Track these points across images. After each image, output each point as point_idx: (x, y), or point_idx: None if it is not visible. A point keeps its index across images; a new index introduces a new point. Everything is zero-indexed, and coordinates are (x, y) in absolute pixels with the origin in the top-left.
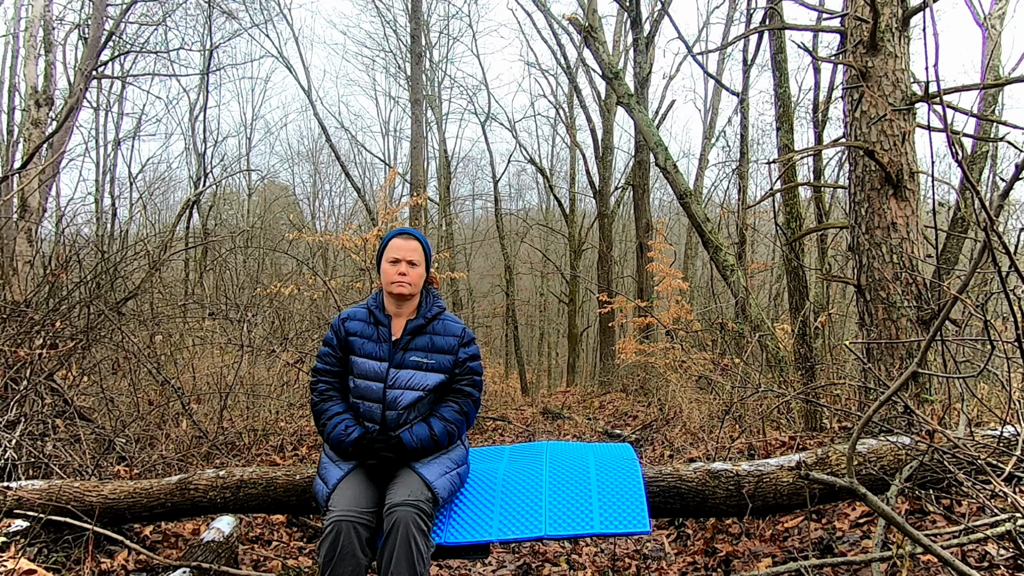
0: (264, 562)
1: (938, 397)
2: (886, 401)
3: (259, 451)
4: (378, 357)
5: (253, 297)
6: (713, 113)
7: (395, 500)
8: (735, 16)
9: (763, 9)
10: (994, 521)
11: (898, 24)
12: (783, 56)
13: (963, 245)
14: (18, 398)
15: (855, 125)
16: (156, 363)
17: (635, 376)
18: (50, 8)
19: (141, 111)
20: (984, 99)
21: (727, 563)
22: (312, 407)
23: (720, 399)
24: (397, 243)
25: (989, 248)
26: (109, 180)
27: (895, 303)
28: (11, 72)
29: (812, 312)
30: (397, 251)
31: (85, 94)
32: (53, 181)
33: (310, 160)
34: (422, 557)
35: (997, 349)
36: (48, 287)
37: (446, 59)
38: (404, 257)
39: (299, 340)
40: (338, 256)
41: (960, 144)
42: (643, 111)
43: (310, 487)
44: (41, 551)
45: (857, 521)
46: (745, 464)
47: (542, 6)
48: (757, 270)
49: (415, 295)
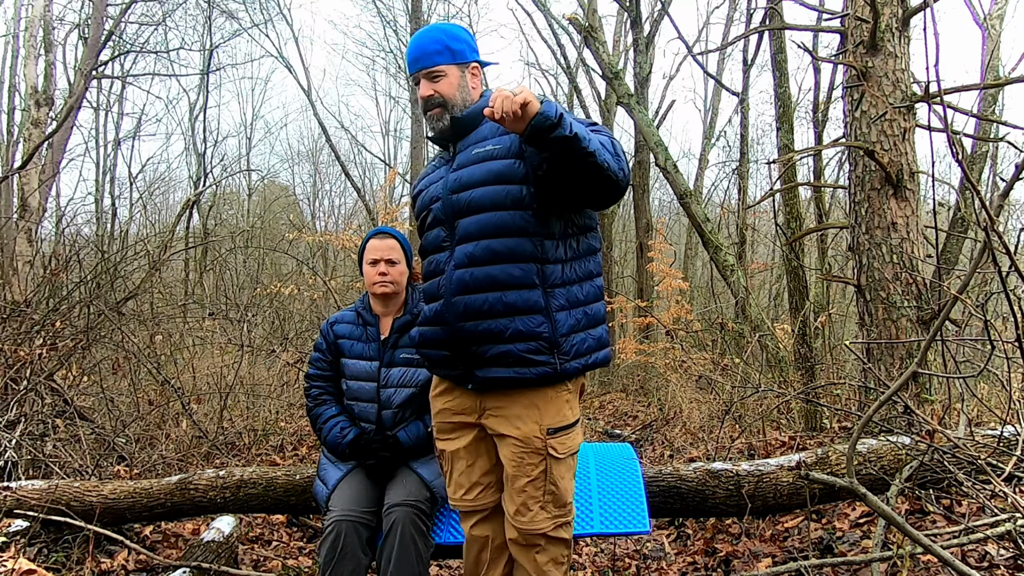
0: (264, 562)
1: (938, 397)
2: (886, 401)
3: (259, 451)
4: (368, 357)
5: (253, 297)
6: (713, 113)
7: (394, 500)
8: (735, 16)
9: (763, 9)
10: (994, 521)
11: (898, 24)
12: (783, 56)
13: (963, 245)
14: (18, 398)
15: (855, 125)
16: (156, 363)
17: (635, 376)
18: (50, 8)
19: (141, 111)
20: (984, 99)
21: (727, 563)
22: (308, 412)
23: (720, 399)
24: (374, 244)
25: (989, 248)
26: (109, 180)
27: (895, 303)
28: (11, 72)
29: (812, 312)
30: (375, 252)
31: (85, 94)
32: (53, 181)
33: (310, 160)
34: (421, 557)
35: (997, 349)
36: (48, 287)
37: None
38: (383, 257)
39: (299, 340)
40: (338, 256)
41: (960, 144)
42: (643, 111)
43: (310, 487)
44: (41, 551)
45: (857, 521)
46: (745, 464)
47: (542, 6)
48: (757, 270)
49: (399, 293)
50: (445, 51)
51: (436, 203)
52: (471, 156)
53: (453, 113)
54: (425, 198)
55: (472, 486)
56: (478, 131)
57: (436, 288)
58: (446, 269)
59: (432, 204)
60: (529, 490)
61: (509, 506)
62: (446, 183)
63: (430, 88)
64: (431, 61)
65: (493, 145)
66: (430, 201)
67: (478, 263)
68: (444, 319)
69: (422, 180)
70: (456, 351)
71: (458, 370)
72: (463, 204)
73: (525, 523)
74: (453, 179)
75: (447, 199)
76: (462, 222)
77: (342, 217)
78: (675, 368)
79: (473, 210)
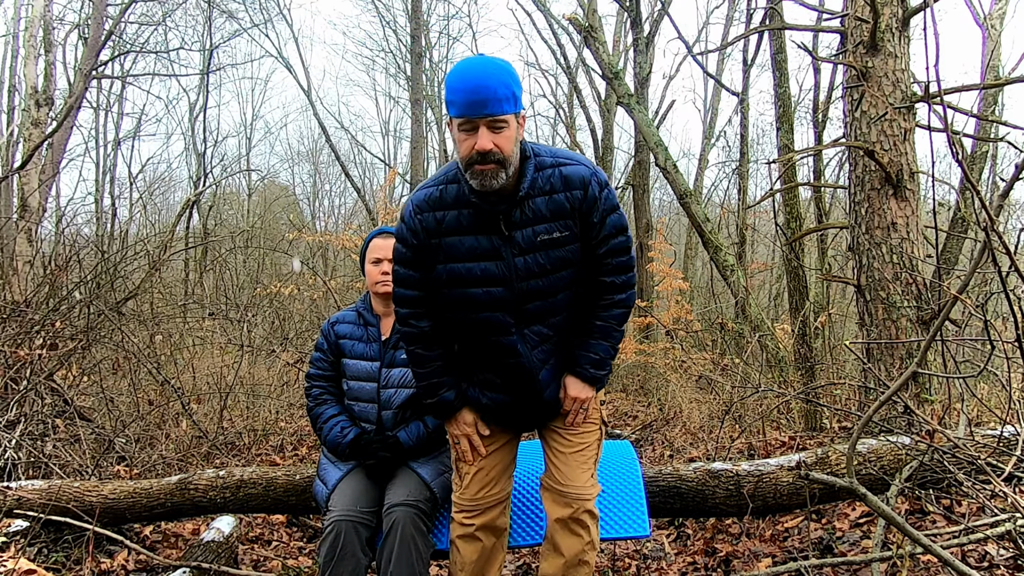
0: (264, 562)
1: (938, 397)
2: (886, 401)
3: (259, 451)
4: (369, 357)
5: (253, 297)
6: (713, 113)
7: (394, 500)
8: (735, 16)
9: (763, 9)
10: (994, 521)
11: (898, 24)
12: (783, 56)
13: (963, 245)
14: (18, 398)
15: (855, 125)
16: (156, 363)
17: (635, 376)
18: (50, 8)
19: (141, 111)
20: (984, 99)
21: (727, 563)
22: (308, 412)
23: (720, 399)
24: (377, 243)
25: (989, 248)
26: (109, 180)
27: (895, 303)
28: (11, 72)
29: (812, 312)
30: (378, 251)
31: (85, 94)
32: (53, 181)
33: (310, 160)
34: (421, 557)
35: (997, 349)
36: (48, 287)
37: (446, 59)
38: (386, 256)
39: (299, 340)
40: (338, 256)
41: (960, 144)
42: (643, 111)
43: (310, 487)
44: (41, 551)
45: (857, 521)
46: (745, 464)
47: (542, 6)
48: (757, 270)
49: None
50: (511, 98)
51: (497, 287)
52: (535, 242)
53: (508, 174)
54: (476, 273)
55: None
56: (533, 204)
57: (505, 371)
58: (521, 350)
59: (491, 286)
60: (587, 452)
61: (571, 479)
62: (510, 267)
63: (490, 141)
64: (499, 108)
65: (560, 231)
66: (487, 281)
67: (548, 340)
68: (527, 395)
69: (459, 246)
70: (530, 417)
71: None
72: (533, 291)
73: (588, 490)
74: (520, 265)
75: (515, 287)
76: (529, 307)
77: (342, 217)
78: (675, 368)
79: (540, 296)
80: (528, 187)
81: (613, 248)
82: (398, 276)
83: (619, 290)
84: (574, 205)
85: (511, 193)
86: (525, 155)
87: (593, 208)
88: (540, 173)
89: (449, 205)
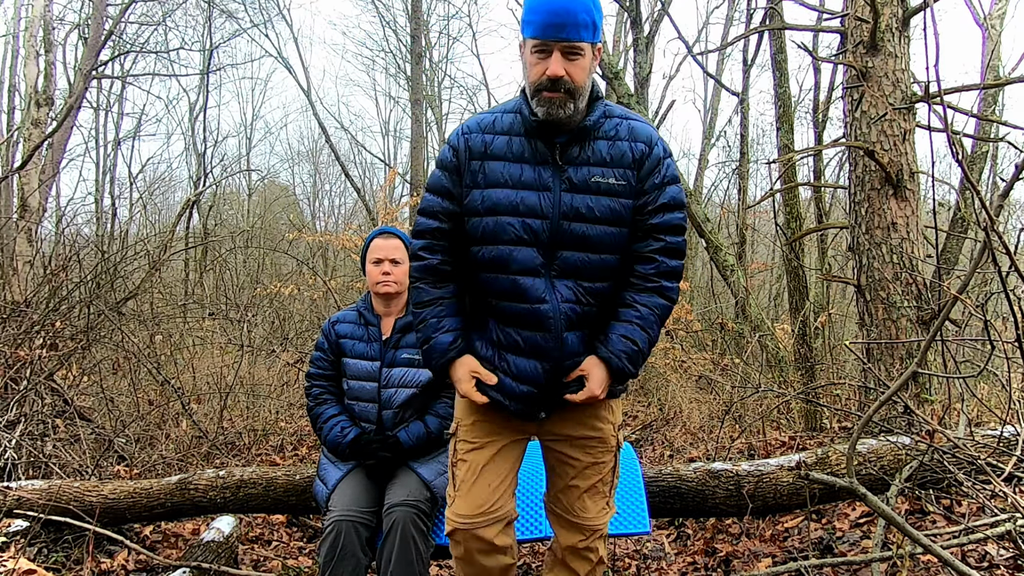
0: (264, 562)
1: (938, 397)
2: (886, 401)
3: (259, 451)
4: (370, 357)
5: (253, 297)
6: (713, 113)
7: (394, 500)
8: (735, 16)
9: (763, 9)
10: (994, 521)
11: (898, 24)
12: (783, 56)
13: (963, 245)
14: (18, 398)
15: (855, 125)
16: (156, 363)
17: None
18: (50, 8)
19: (141, 111)
20: (984, 99)
21: (727, 563)
22: (308, 412)
23: (720, 399)
24: (378, 243)
25: (989, 248)
26: (109, 180)
27: (895, 303)
28: (11, 72)
29: (812, 312)
30: (379, 251)
31: (85, 94)
32: (53, 181)
33: (310, 160)
34: (421, 557)
35: (997, 349)
36: (48, 287)
37: (446, 59)
38: (386, 256)
39: (299, 340)
40: (338, 256)
41: (960, 144)
42: (643, 111)
43: (310, 487)
44: (41, 551)
45: (857, 521)
46: (745, 464)
47: None
48: (757, 270)
49: (402, 293)
50: (591, 26)
51: (535, 219)
52: (590, 183)
53: (576, 106)
54: (515, 201)
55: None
56: (594, 145)
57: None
58: (548, 299)
59: (529, 217)
60: (600, 486)
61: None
62: (555, 202)
63: (562, 67)
64: (578, 34)
65: (616, 179)
66: (527, 212)
67: (579, 304)
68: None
69: (502, 171)
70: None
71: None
72: (575, 236)
73: (602, 518)
74: (567, 201)
75: (557, 224)
76: (566, 254)
77: (342, 217)
78: (675, 368)
79: (580, 245)
80: (593, 125)
81: (669, 223)
82: (424, 204)
83: (668, 276)
84: (636, 157)
85: (574, 128)
86: (595, 95)
87: (655, 170)
88: (608, 119)
89: (501, 131)
